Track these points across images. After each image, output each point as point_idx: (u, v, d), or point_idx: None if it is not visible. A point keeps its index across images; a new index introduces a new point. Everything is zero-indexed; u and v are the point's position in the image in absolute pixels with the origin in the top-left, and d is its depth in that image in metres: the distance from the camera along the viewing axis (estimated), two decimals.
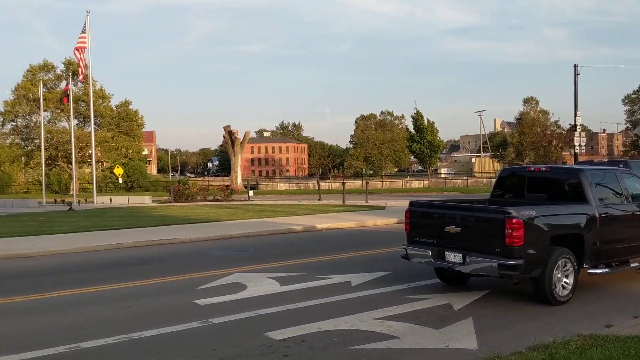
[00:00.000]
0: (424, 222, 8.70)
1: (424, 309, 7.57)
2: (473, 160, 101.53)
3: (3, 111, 66.65)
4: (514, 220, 7.29)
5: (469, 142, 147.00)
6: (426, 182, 61.94)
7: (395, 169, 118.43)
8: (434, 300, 7.97)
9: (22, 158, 68.62)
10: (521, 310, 7.58)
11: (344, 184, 32.47)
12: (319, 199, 33.27)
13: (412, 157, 78.82)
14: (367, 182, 38.09)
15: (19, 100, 65.97)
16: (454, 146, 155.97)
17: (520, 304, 7.89)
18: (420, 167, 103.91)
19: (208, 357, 5.75)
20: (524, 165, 13.26)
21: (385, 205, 26.29)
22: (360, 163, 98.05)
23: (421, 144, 57.93)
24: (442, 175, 79.21)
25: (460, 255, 7.81)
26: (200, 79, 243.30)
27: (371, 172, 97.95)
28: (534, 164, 46.96)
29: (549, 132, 65.44)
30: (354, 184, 57.06)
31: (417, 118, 58.64)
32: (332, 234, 17.24)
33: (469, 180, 63.30)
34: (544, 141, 61.17)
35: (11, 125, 68.35)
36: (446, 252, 8.06)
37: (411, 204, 9.04)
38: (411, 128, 61.77)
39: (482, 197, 11.12)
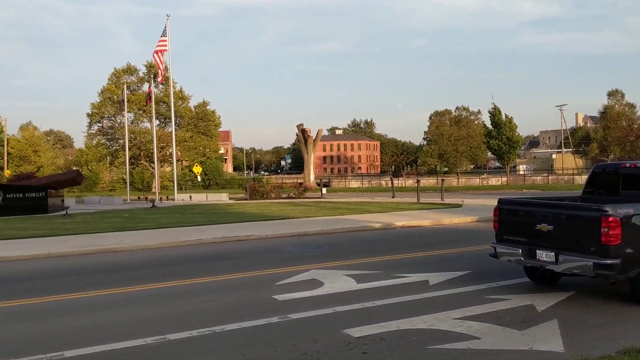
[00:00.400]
0: (514, 220, 8.54)
1: (505, 309, 7.36)
2: (553, 156, 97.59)
3: (90, 113, 70.47)
4: (610, 219, 6.98)
5: (549, 137, 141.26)
6: (504, 179, 60.19)
7: (471, 166, 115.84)
8: (516, 301, 7.74)
9: (108, 157, 72.26)
10: (610, 312, 7.23)
11: (418, 181, 32.05)
12: (392, 197, 33.03)
13: (490, 153, 76.81)
14: (442, 180, 37.44)
15: (104, 102, 69.53)
16: (533, 142, 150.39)
17: (608, 305, 7.52)
18: (497, 164, 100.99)
19: (288, 352, 5.85)
20: (619, 162, 12.66)
21: (462, 203, 25.77)
22: (434, 160, 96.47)
23: (499, 140, 56.34)
24: (521, 172, 76.59)
25: (553, 254, 7.58)
26: (274, 79, 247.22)
27: (446, 169, 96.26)
28: (626, 159, 44.55)
29: (636, 127, 61.93)
30: (428, 181, 56.26)
31: (495, 113, 57.10)
32: (407, 232, 17.08)
33: (550, 178, 60.86)
34: (631, 136, 58.03)
35: (98, 126, 72.18)
36: (537, 251, 7.85)
37: (500, 201, 8.89)
38: (488, 124, 60.28)
39: (574, 195, 10.69)
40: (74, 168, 62.85)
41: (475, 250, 12.52)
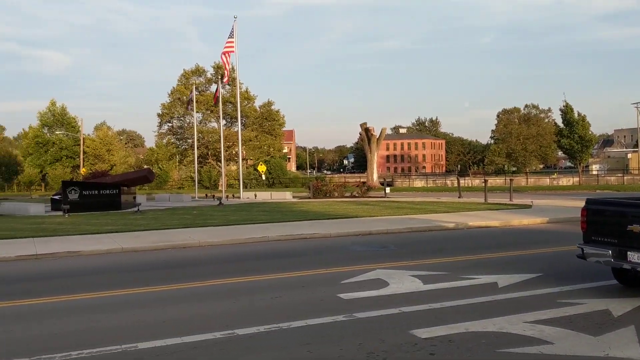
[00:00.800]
0: (603, 220, 8.25)
1: (579, 314, 7.07)
2: (629, 156, 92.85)
3: (161, 113, 72.90)
4: None
5: (624, 136, 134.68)
6: (576, 179, 57.90)
7: (541, 166, 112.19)
8: (591, 306, 7.41)
9: (177, 156, 74.55)
10: None
11: (485, 181, 31.31)
12: (458, 197, 32.40)
13: (560, 153, 74.08)
14: (510, 180, 36.39)
15: (174, 103, 71.74)
16: (607, 141, 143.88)
17: None
18: (568, 164, 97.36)
19: (354, 351, 5.83)
20: None
21: (531, 204, 24.96)
22: (502, 159, 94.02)
23: (571, 138, 54.25)
24: (594, 172, 73.38)
25: None
26: (337, 77, 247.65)
27: (514, 168, 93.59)
28: None
29: None
30: (495, 181, 54.92)
31: (566, 111, 55.02)
32: (474, 232, 16.71)
33: (625, 178, 58.03)
34: None
35: (167, 126, 74.58)
36: (629, 252, 7.55)
37: (588, 201, 8.61)
38: (559, 122, 58.14)
39: None
40: (145, 166, 65.23)
41: (546, 252, 12.11)
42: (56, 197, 28.54)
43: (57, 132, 72.05)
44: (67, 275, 10.79)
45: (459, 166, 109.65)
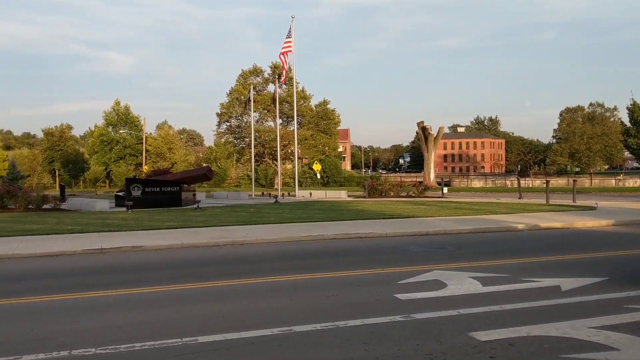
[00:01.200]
0: None
1: None
2: None
3: (220, 113, 74.42)
4: None
5: None
6: None
7: (606, 166, 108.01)
8: None
9: (235, 155, 75.92)
10: None
11: (547, 181, 30.38)
12: (519, 197, 31.58)
13: (627, 153, 71.03)
14: (574, 180, 35.17)
15: (232, 102, 73.10)
16: None
17: None
18: (636, 164, 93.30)
19: (412, 352, 5.77)
20: None
21: (596, 206, 24.07)
22: (564, 159, 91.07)
23: (639, 138, 51.99)
24: None
25: None
26: (393, 76, 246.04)
27: (577, 169, 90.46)
28: None
29: None
30: (557, 182, 53.21)
31: (634, 110, 52.88)
32: (536, 234, 16.24)
33: None
34: None
35: (226, 125, 76.12)
36: None
37: None
38: (626, 121, 55.85)
39: None
40: (204, 165, 66.70)
41: (612, 255, 11.65)
42: (120, 193, 29.61)
43: (121, 131, 74.70)
44: (132, 269, 11.17)
45: (519, 166, 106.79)
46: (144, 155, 71.00)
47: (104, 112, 76.82)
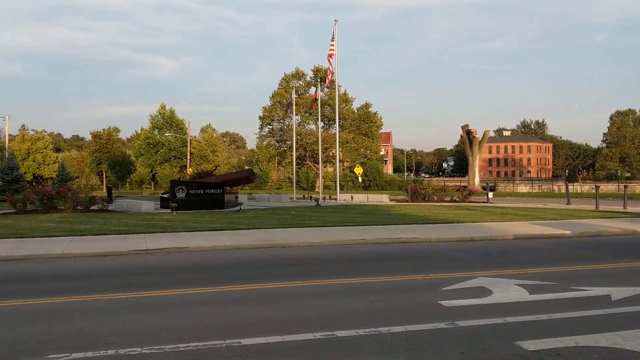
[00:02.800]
0: None
1: None
2: None
3: (262, 116, 75.13)
4: None
5: None
6: None
7: None
8: None
9: (276, 157, 76.49)
10: None
11: (597, 187, 29.43)
12: (567, 203, 30.75)
13: None
14: (625, 186, 34.02)
15: (275, 106, 73.71)
16: None
17: None
18: None
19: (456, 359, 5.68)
20: None
21: None
22: (615, 164, 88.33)
23: None
24: None
25: None
26: (437, 79, 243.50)
27: (628, 174, 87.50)
28: None
29: None
30: (607, 187, 51.63)
31: None
32: (585, 241, 15.76)
33: None
34: None
35: (268, 128, 76.78)
36: None
37: None
38: None
39: None
40: (247, 167, 67.43)
41: None
42: (165, 195, 30.14)
43: (166, 134, 76.20)
44: (176, 270, 11.35)
45: (567, 171, 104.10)
46: (188, 157, 72.26)
47: (150, 116, 78.51)
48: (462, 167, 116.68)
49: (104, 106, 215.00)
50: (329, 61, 36.33)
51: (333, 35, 35.43)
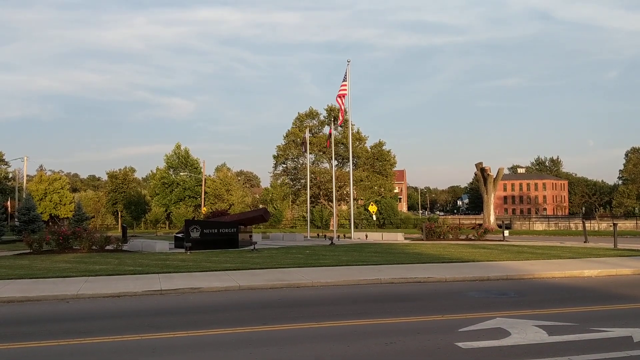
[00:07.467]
0: None
1: None
2: None
3: (276, 155, 75.68)
4: None
5: None
6: None
7: None
8: None
9: (290, 196, 76.62)
10: None
11: (615, 224, 29.02)
12: (584, 241, 30.32)
13: None
14: None
15: (289, 145, 74.31)
16: None
17: None
18: None
19: None
20: None
21: None
22: (632, 201, 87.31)
23: None
24: None
25: None
26: (450, 117, 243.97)
27: None
28: None
29: None
30: (625, 224, 50.88)
31: None
32: (604, 280, 15.46)
33: None
34: None
35: (282, 167, 77.24)
36: None
37: None
38: None
39: None
40: (261, 206, 67.53)
41: None
42: (179, 234, 30.20)
43: (181, 173, 76.86)
44: (190, 311, 11.27)
45: (583, 208, 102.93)
46: (202, 196, 72.63)
47: (165, 156, 79.38)
48: (477, 204, 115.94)
49: (121, 146, 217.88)
50: (337, 101, 36.72)
51: (345, 75, 35.88)
